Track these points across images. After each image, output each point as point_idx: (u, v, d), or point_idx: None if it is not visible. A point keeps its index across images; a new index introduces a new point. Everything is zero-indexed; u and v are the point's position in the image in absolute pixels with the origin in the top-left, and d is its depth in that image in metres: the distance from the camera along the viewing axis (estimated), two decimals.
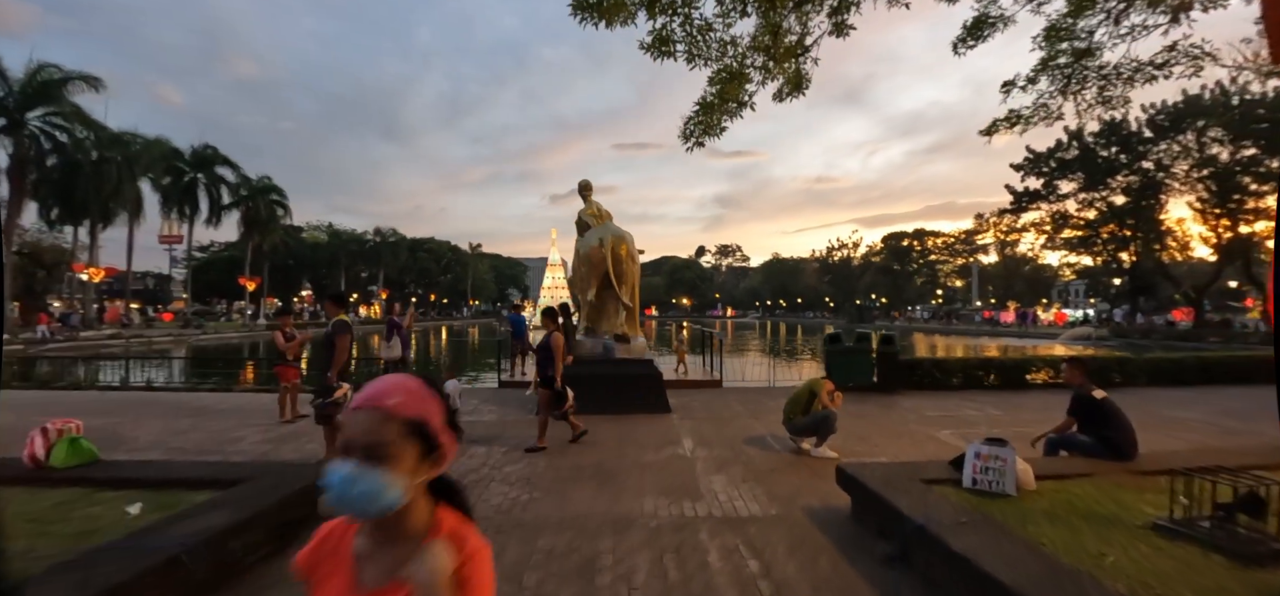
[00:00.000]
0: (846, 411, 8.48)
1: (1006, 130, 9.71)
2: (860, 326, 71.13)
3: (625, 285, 9.17)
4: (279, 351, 8.35)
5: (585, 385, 8.45)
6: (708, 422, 7.97)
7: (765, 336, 47.39)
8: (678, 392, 10.40)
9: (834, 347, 10.94)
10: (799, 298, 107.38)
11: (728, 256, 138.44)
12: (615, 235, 9.15)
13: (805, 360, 23.57)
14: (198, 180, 50.68)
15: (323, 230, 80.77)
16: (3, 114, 35.08)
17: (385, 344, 10.38)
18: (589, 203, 10.31)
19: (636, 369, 8.78)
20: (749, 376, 12.63)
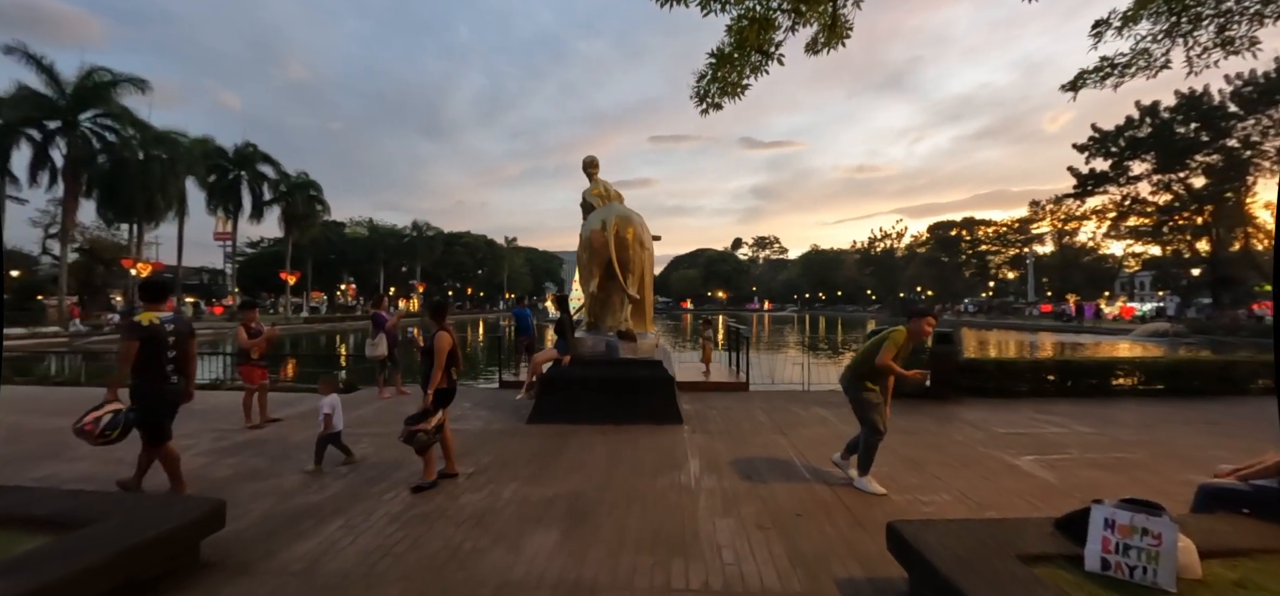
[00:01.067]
0: (895, 425, 7.03)
1: (1098, 83, 8.01)
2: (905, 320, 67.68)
3: (632, 274, 7.93)
4: (243, 350, 7.48)
5: (581, 390, 7.28)
6: (723, 438, 6.65)
7: (803, 330, 45.34)
8: (696, 397, 9.11)
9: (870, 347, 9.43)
10: (839, 290, 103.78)
11: (765, 248, 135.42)
12: (620, 217, 7.92)
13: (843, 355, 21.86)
14: (241, 177, 52.13)
15: (363, 226, 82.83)
16: (57, 116, 36.38)
17: (370, 342, 9.45)
18: (594, 181, 9.10)
19: (642, 371, 7.53)
20: (780, 377, 11.22)
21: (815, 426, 7.25)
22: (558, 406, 7.42)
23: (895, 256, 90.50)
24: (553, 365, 7.76)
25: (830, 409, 8.27)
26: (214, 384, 11.86)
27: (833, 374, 10.63)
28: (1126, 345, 29.97)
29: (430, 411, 4.86)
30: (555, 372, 7.63)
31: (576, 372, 7.57)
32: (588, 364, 7.70)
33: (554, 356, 7.78)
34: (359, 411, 8.43)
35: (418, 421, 4.83)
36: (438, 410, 4.91)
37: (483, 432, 7.00)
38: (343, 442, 5.76)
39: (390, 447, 6.37)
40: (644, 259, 8.21)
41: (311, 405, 9.29)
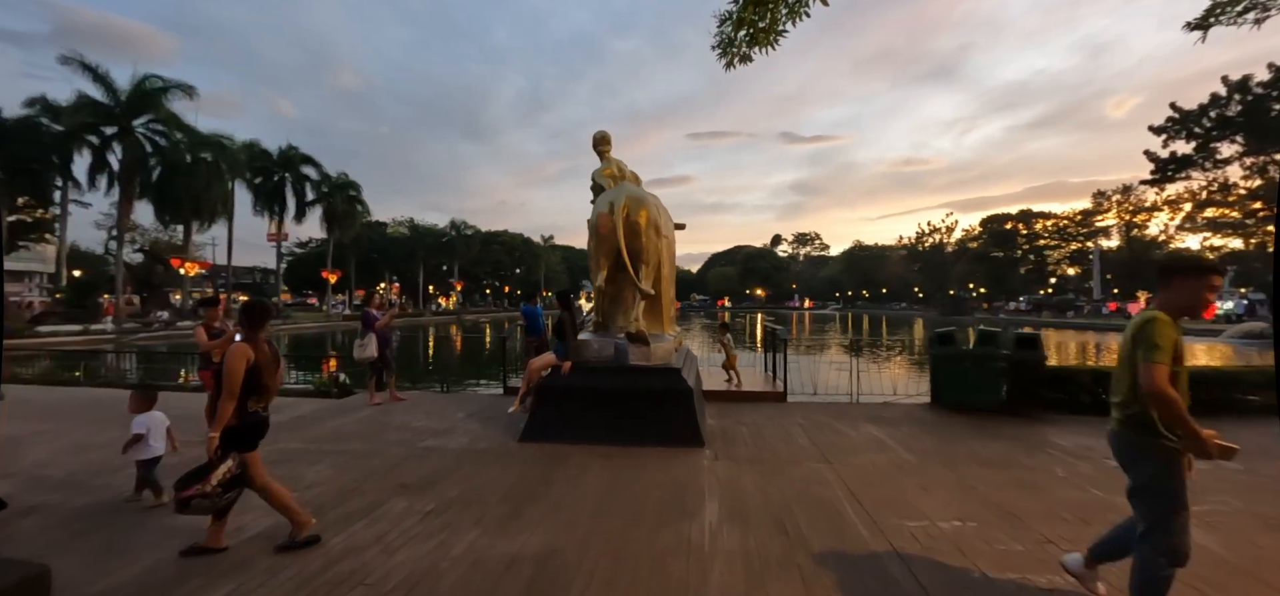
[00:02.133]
0: (970, 454, 5.58)
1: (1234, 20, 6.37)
2: (956, 318, 64.09)
3: (645, 265, 6.69)
4: (203, 353, 6.61)
5: (582, 403, 6.09)
6: (753, 467, 5.34)
7: (846, 329, 43.05)
8: (725, 409, 7.80)
9: (944, 351, 7.88)
10: (883, 287, 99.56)
11: (805, 245, 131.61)
12: (632, 197, 6.69)
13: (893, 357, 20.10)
14: (285, 179, 53.47)
15: (404, 226, 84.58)
16: (114, 122, 37.77)
17: (359, 343, 8.51)
18: (606, 160, 7.91)
19: (655, 381, 6.28)
20: (824, 385, 9.72)
21: (869, 452, 5.84)
22: (554, 422, 6.26)
23: (945, 252, 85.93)
24: (551, 372, 6.60)
25: (885, 428, 6.83)
26: None
27: (885, 381, 9.13)
28: (1220, 349, 26.80)
29: (214, 462, 3.41)
30: (553, 381, 6.48)
31: (578, 381, 6.39)
32: (591, 371, 6.51)
33: (552, 362, 6.62)
34: (340, 420, 7.50)
35: (194, 480, 3.38)
36: (226, 458, 3.45)
37: (463, 453, 5.89)
38: (154, 478, 4.45)
39: (351, 469, 5.34)
40: (660, 248, 6.95)
41: (307, 410, 8.48)
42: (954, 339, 7.82)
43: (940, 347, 7.85)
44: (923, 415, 7.58)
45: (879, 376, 9.44)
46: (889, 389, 9.08)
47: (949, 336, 7.88)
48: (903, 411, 7.82)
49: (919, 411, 7.80)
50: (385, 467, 5.44)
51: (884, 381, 9.51)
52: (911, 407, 8.06)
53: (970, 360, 7.58)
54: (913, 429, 6.81)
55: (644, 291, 6.55)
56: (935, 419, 7.37)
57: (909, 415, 7.54)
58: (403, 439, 6.51)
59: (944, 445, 6.14)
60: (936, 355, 7.88)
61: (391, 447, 6.14)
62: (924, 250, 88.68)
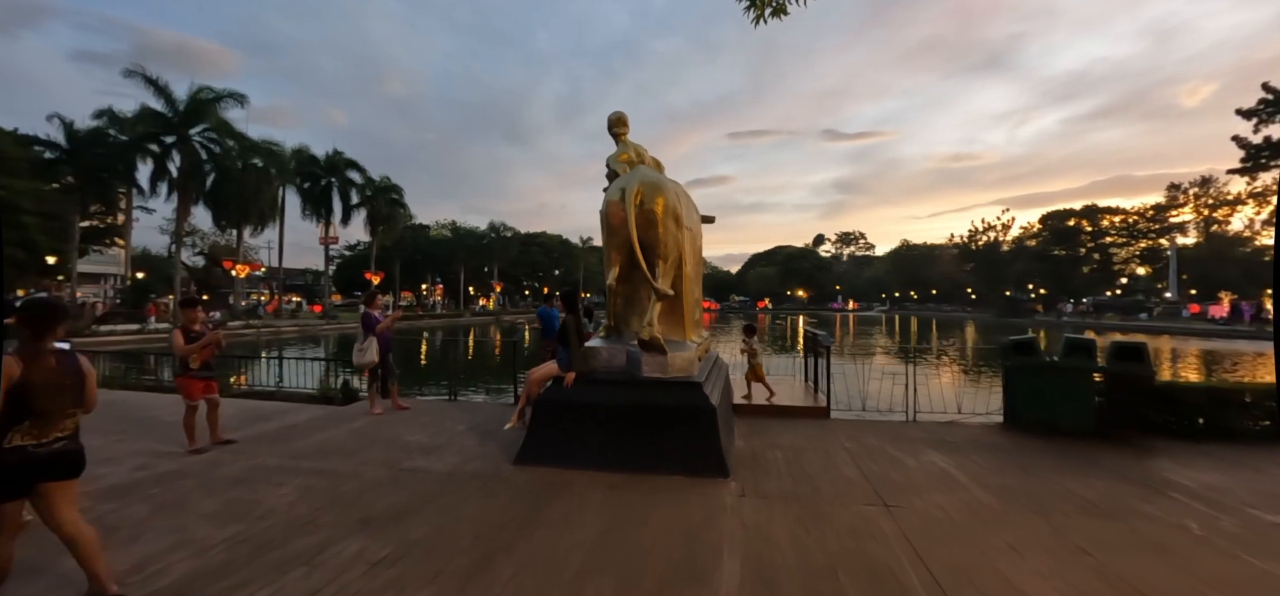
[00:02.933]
0: (1066, 493, 4.39)
1: None
2: (1013, 320, 60.13)
3: (664, 261, 5.76)
4: (181, 358, 6.08)
5: (586, 421, 5.22)
6: (787, 508, 4.34)
7: (893, 333, 40.79)
8: (757, 426, 6.79)
9: (1022, 362, 6.60)
10: (933, 288, 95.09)
11: (849, 244, 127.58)
12: (647, 183, 5.77)
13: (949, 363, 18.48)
14: (331, 183, 54.99)
15: (447, 228, 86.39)
16: (172, 131, 39.48)
17: (358, 348, 7.90)
18: (623, 144, 7.00)
19: (672, 397, 5.34)
20: (874, 397, 8.54)
21: (935, 490, 4.74)
22: (554, 443, 5.41)
23: (1000, 250, 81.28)
24: (552, 384, 5.75)
25: (952, 455, 5.68)
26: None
27: (946, 393, 7.88)
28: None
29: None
30: (553, 396, 5.62)
31: (581, 396, 5.52)
32: (597, 384, 5.62)
33: (554, 373, 5.77)
34: (331, 432, 6.87)
35: None
36: None
37: (447, 477, 5.10)
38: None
39: (316, 496, 4.62)
40: (681, 241, 6.01)
41: (302, 418, 7.95)
42: (1034, 348, 6.55)
43: (1016, 357, 6.59)
44: (996, 439, 6.36)
45: (938, 388, 8.17)
46: (951, 404, 7.81)
47: (1027, 344, 6.60)
48: (971, 434, 6.61)
49: (991, 434, 6.58)
50: (355, 494, 4.71)
51: (944, 394, 8.25)
52: (981, 429, 6.84)
53: (1056, 373, 6.29)
54: (986, 458, 5.63)
55: (660, 291, 5.62)
56: (1012, 444, 6.15)
57: (979, 439, 6.34)
58: (388, 457, 5.79)
59: (1030, 481, 4.97)
60: (1012, 367, 6.62)
61: (371, 468, 5.42)
62: (977, 249, 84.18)
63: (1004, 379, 6.92)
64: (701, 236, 7.57)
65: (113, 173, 38.39)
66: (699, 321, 7.15)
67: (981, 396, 7.80)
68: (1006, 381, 6.84)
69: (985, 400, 7.69)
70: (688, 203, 6.92)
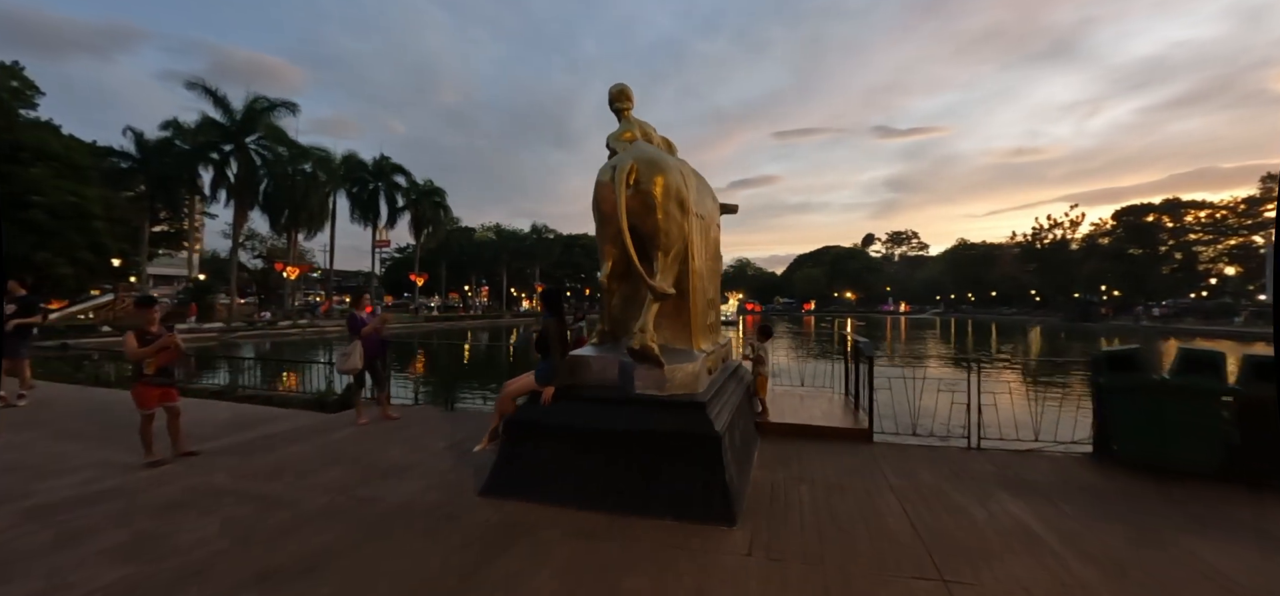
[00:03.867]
0: (1195, 566, 3.13)
1: None
2: (1085, 325, 55.49)
3: (664, 253, 4.77)
4: (134, 362, 5.50)
5: (564, 447, 4.30)
6: (811, 579, 3.25)
7: (949, 337, 38.08)
8: (784, 452, 5.67)
9: (1123, 380, 5.20)
10: (992, 290, 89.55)
11: (901, 244, 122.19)
12: (642, 161, 4.78)
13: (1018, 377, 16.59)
14: (379, 188, 56.48)
15: (491, 231, 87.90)
16: (230, 139, 41.24)
17: (341, 353, 7.22)
18: (625, 122, 6.02)
19: (668, 420, 4.33)
20: (928, 416, 6.77)
21: (1014, 555, 3.53)
22: (526, 472, 4.49)
23: (1068, 249, 75.59)
24: (527, 400, 4.82)
25: (1032, 501, 4.42)
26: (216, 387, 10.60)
27: (1017, 412, 6.49)
28: None
29: None
30: (527, 415, 4.70)
31: (559, 416, 4.58)
32: (578, 402, 4.67)
33: (530, 387, 4.85)
34: (301, 446, 6.19)
35: None
36: None
37: (395, 512, 4.26)
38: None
39: (236, 531, 3.86)
40: (687, 230, 4.99)
41: (283, 426, 7.37)
42: (1138, 362, 5.14)
43: (1115, 374, 5.20)
44: (1088, 477, 5.02)
45: (1006, 405, 6.68)
46: (1023, 426, 6.38)
47: (1129, 358, 5.18)
48: (1053, 468, 5.29)
49: (1080, 470, 5.24)
50: (280, 531, 3.93)
51: (1014, 412, 6.79)
52: (1066, 463, 5.48)
53: (1171, 396, 4.90)
54: (1079, 506, 4.35)
55: (658, 290, 4.62)
56: (1111, 486, 4.81)
57: (1066, 477, 5.02)
58: (345, 480, 5.01)
59: (1146, 547, 3.68)
60: (1109, 386, 5.23)
61: (318, 495, 4.65)
62: (1042, 248, 78.61)
63: (1095, 399, 5.54)
64: (718, 226, 6.51)
65: (178, 180, 40.36)
66: (714, 326, 6.09)
67: (1061, 417, 6.38)
68: (1100, 403, 5.46)
69: (1067, 423, 6.27)
70: (699, 185, 5.89)
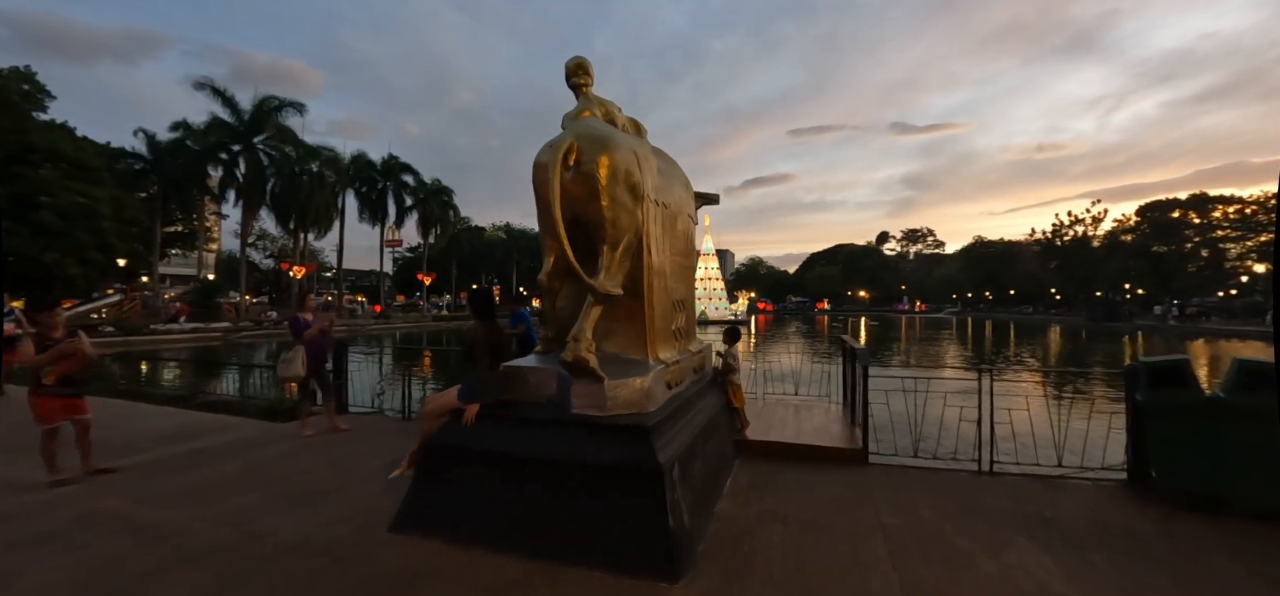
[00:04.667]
0: None
1: None
2: (1108, 324, 53.56)
3: (612, 247, 4.04)
4: (32, 371, 4.91)
5: (487, 477, 3.59)
6: None
7: (965, 338, 36.78)
8: (762, 475, 4.90)
9: (1169, 399, 4.27)
10: (1010, 288, 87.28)
11: (916, 242, 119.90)
12: (584, 138, 4.03)
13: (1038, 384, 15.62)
14: (387, 187, 56.41)
15: (502, 230, 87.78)
16: (239, 139, 41.27)
17: (284, 359, 6.58)
18: (584, 99, 5.27)
19: (602, 448, 3.57)
20: (933, 429, 5.72)
21: None
22: (443, 505, 3.78)
23: (1090, 246, 73.30)
24: (449, 420, 4.11)
25: (1056, 551, 3.58)
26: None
27: (1038, 426, 5.61)
28: None
29: None
30: (447, 437, 3.99)
31: (482, 439, 3.86)
32: (505, 424, 3.94)
33: (452, 404, 4.13)
34: (230, 463, 5.57)
35: None
36: None
37: (286, 551, 3.57)
38: None
39: (82, 572, 3.21)
40: (641, 219, 4.24)
41: (227, 438, 6.77)
42: (1184, 376, 4.26)
43: (1157, 391, 4.34)
44: (1125, 516, 4.17)
45: (1023, 419, 5.77)
46: (1043, 444, 5.48)
47: (1175, 372, 4.28)
48: (1081, 500, 4.45)
49: (1116, 505, 4.39)
50: (136, 578, 3.29)
51: (1033, 427, 5.83)
52: (1096, 494, 4.63)
53: (1228, 418, 4.03)
54: (1118, 557, 3.51)
55: (597, 289, 3.88)
56: (1152, 528, 3.96)
57: (1098, 515, 4.18)
58: (246, 511, 4.34)
59: None
60: (1151, 406, 4.35)
61: (208, 528, 3.99)
62: (1063, 245, 76.36)
63: (1132, 418, 4.69)
64: (691, 218, 5.74)
65: (189, 180, 40.51)
66: (684, 331, 5.33)
67: (1089, 435, 5.50)
68: (1138, 424, 4.60)
69: (1095, 441, 5.41)
70: (666, 169, 5.15)
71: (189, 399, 9.47)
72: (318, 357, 6.68)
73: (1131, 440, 4.72)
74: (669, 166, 5.44)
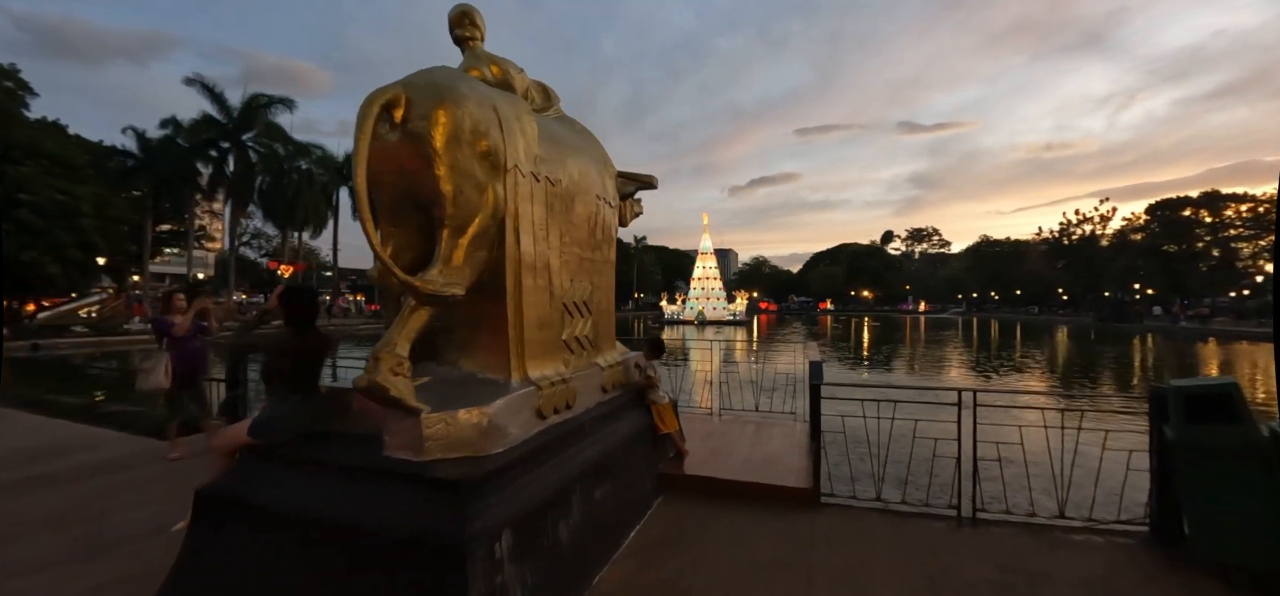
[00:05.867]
0: None
1: None
2: (1119, 325, 52.03)
3: (453, 230, 3.00)
4: None
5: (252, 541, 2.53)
6: None
7: (970, 341, 35.49)
8: (681, 522, 3.84)
9: (1202, 436, 3.18)
10: (1017, 288, 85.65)
11: (921, 241, 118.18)
12: (417, 87, 2.93)
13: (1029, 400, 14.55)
14: None
15: None
16: (228, 137, 40.58)
17: (144, 367, 5.58)
18: (472, 56, 4.24)
19: (398, 514, 2.53)
20: (902, 455, 4.57)
21: None
22: (218, 576, 2.75)
23: (1098, 245, 71.69)
24: (243, 460, 3.08)
25: None
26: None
27: (1035, 454, 4.50)
28: None
29: None
30: (224, 489, 2.96)
31: (269, 491, 2.83)
32: (304, 472, 2.91)
33: (241, 441, 3.11)
34: (67, 489, 4.59)
35: None
36: None
37: None
38: None
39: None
40: (496, 195, 3.20)
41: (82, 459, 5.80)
42: (1231, 406, 3.15)
43: (1195, 428, 3.23)
44: (1149, 589, 3.12)
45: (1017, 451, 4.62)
46: (1043, 480, 4.38)
47: (1218, 397, 3.15)
48: (1090, 566, 3.38)
49: (1134, 571, 3.31)
50: None
51: (1032, 454, 4.71)
52: (1110, 553, 3.55)
53: None
54: None
55: (419, 288, 2.83)
56: None
57: (1114, 584, 3.12)
58: (15, 564, 3.35)
59: None
60: (1189, 445, 3.24)
61: None
62: (1071, 244, 74.75)
63: (1159, 457, 3.61)
64: (604, 201, 4.67)
65: (179, 178, 39.88)
66: (587, 341, 4.27)
67: (1102, 470, 4.40)
68: (1167, 465, 3.53)
69: (1111, 483, 4.31)
70: (568, 139, 4.12)
71: (87, 410, 8.53)
72: (189, 365, 5.67)
73: (1157, 485, 3.64)
74: (575, 137, 4.40)
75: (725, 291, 60.80)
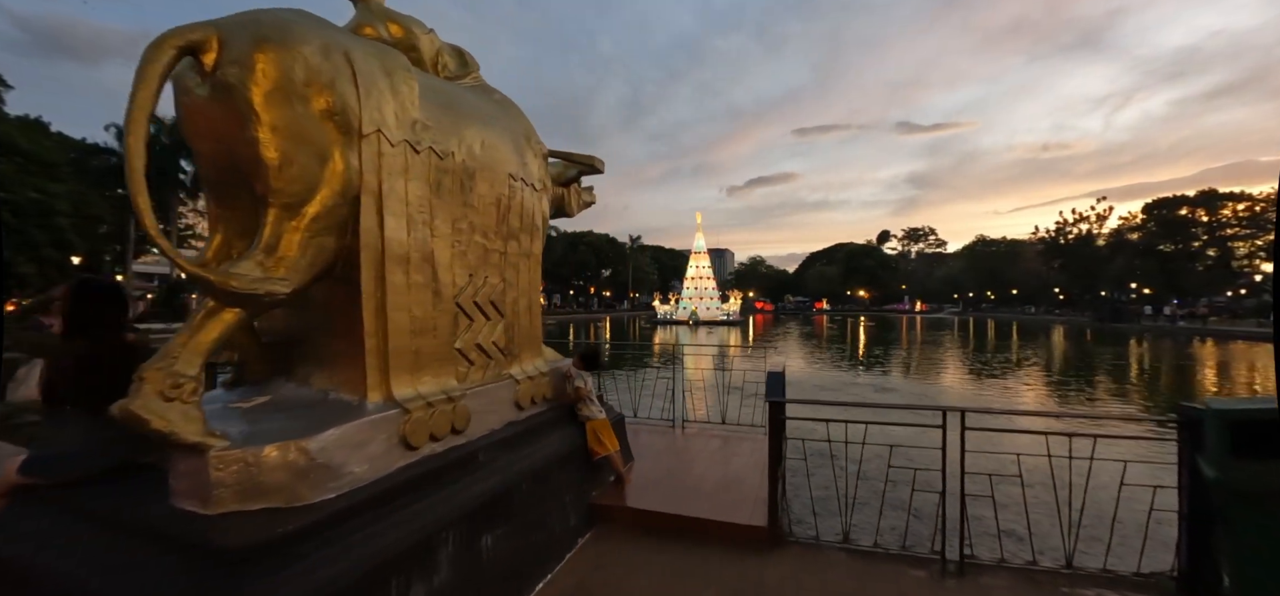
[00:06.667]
0: None
1: None
2: (1116, 326, 51.53)
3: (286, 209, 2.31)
4: None
5: None
6: None
7: (967, 342, 34.84)
8: (612, 573, 3.13)
9: (1254, 476, 2.47)
10: (1013, 288, 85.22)
11: (918, 241, 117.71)
12: (233, 28, 2.21)
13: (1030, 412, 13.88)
14: None
15: None
16: None
17: (16, 377, 4.86)
18: (365, 11, 3.55)
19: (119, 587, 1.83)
20: (875, 477, 3.82)
21: None
22: None
23: (1094, 244, 71.26)
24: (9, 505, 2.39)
25: None
26: None
27: (1033, 478, 3.79)
28: None
29: None
30: None
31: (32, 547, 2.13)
32: (84, 523, 2.21)
33: (12, 481, 2.41)
34: None
35: None
36: None
37: None
38: None
39: None
40: (348, 165, 2.51)
41: None
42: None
43: (1240, 465, 2.53)
44: None
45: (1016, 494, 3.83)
46: (1046, 517, 3.67)
47: (1270, 425, 2.53)
48: None
49: None
50: None
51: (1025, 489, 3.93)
52: None
53: None
54: None
55: (214, 284, 2.13)
56: None
57: None
58: None
59: None
60: (1236, 486, 2.53)
61: None
62: (1067, 244, 74.30)
63: (1190, 496, 2.92)
64: (526, 183, 3.95)
65: (161, 175, 39.15)
66: (496, 349, 3.56)
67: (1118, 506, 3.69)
68: (1204, 505, 2.84)
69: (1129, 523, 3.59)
70: (474, 106, 3.42)
71: None
72: (58, 374, 4.94)
73: (1187, 528, 2.95)
74: (486, 106, 3.69)
75: (719, 291, 60.20)
